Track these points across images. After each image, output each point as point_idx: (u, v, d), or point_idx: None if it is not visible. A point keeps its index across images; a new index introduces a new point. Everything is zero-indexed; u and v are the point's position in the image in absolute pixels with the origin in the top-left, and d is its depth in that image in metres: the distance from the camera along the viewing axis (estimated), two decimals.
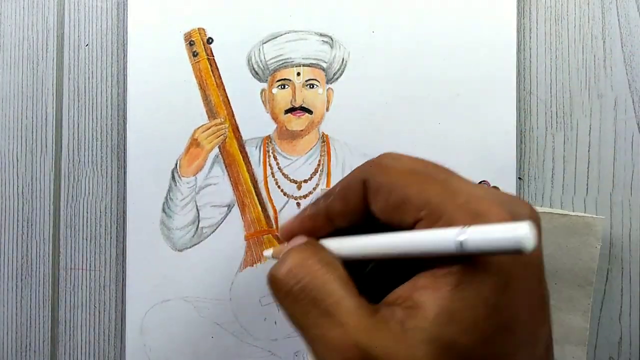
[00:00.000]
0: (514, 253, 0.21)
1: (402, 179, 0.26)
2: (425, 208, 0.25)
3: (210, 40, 0.42)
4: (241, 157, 0.42)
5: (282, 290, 0.26)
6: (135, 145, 0.42)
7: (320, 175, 0.42)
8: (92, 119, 0.42)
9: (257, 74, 0.42)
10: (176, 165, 0.42)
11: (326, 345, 0.24)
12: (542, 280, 0.25)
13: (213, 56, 0.42)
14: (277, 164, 0.42)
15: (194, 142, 0.42)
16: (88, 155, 0.42)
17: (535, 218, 0.27)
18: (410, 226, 0.25)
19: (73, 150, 0.42)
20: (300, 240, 0.29)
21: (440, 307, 0.23)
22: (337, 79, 0.42)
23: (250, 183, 0.42)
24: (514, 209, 0.25)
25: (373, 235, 0.26)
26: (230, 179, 0.42)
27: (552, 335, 0.26)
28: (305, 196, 0.42)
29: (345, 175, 0.41)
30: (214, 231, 0.42)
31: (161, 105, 0.42)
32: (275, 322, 0.42)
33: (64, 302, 0.42)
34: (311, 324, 0.25)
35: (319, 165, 0.42)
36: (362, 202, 0.28)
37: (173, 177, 0.42)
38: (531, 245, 0.20)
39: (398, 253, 0.25)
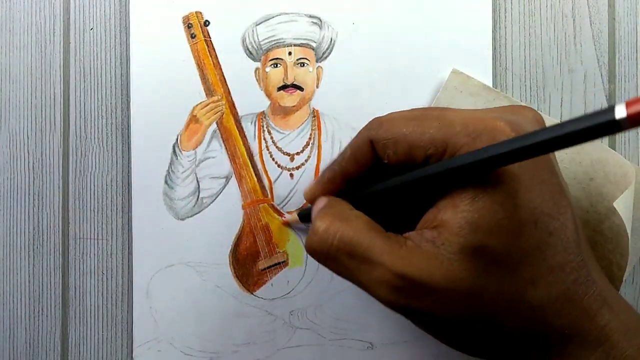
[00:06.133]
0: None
1: (403, 129, 0.29)
2: (430, 146, 0.28)
3: (207, 23, 0.45)
4: (237, 131, 0.45)
5: (321, 257, 0.29)
6: (138, 122, 0.45)
7: (311, 148, 0.45)
8: (98, 98, 0.45)
9: (251, 53, 0.45)
10: (177, 140, 0.45)
11: (374, 285, 0.28)
12: (554, 172, 0.28)
13: (210, 38, 0.45)
14: (271, 137, 0.45)
15: (193, 119, 0.45)
16: (94, 132, 0.45)
17: (539, 120, 0.30)
18: (423, 165, 0.28)
19: (80, 128, 0.45)
20: (322, 202, 0.32)
21: (462, 218, 0.26)
22: (326, 57, 0.45)
23: (246, 156, 0.45)
24: (514, 118, 0.28)
25: (396, 177, 0.30)
26: (228, 152, 0.45)
27: (577, 219, 0.28)
28: (297, 167, 0.45)
29: (334, 147, 0.45)
30: (213, 201, 0.45)
31: (162, 84, 0.45)
32: (272, 284, 0.45)
33: (74, 270, 0.45)
34: (356, 274, 0.28)
35: (310, 138, 0.45)
36: (372, 159, 0.31)
37: (174, 151, 0.45)
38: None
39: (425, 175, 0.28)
